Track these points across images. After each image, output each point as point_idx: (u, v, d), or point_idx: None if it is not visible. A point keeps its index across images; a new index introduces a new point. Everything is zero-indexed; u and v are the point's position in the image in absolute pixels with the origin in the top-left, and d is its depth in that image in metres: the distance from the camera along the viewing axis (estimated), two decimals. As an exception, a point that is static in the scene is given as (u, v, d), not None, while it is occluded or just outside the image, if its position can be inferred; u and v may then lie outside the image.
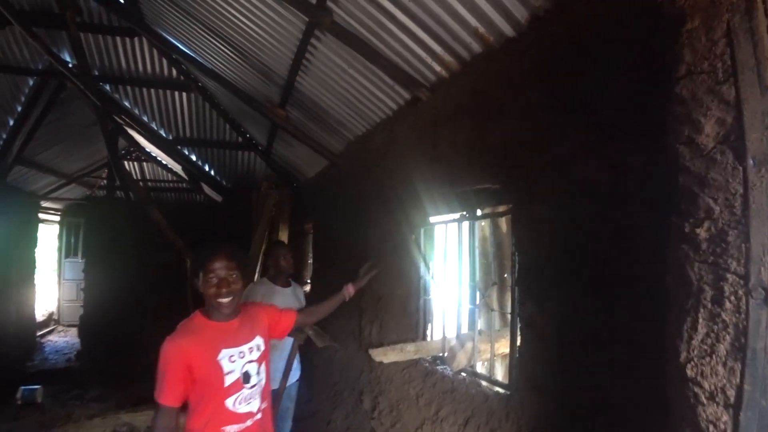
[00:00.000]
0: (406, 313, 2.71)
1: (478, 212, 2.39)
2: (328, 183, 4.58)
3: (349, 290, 2.21)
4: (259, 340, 1.74)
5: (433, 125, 2.58)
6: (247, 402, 1.66)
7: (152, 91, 5.57)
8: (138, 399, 5.15)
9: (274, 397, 2.88)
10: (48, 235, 9.86)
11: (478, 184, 2.22)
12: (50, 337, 8.45)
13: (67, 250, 9.34)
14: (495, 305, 2.59)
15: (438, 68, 2.51)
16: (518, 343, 1.92)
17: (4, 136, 6.08)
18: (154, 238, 6.20)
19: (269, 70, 3.81)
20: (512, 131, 1.95)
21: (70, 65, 5.05)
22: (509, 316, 2.70)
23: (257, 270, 5.07)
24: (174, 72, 5.30)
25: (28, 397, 5.54)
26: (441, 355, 2.56)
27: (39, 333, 8.24)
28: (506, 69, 2.03)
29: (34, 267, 7.60)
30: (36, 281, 7.73)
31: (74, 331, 8.04)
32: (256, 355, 1.71)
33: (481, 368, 2.45)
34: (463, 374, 2.37)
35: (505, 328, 2.55)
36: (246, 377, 1.66)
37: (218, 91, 5.12)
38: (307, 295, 5.36)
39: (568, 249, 1.63)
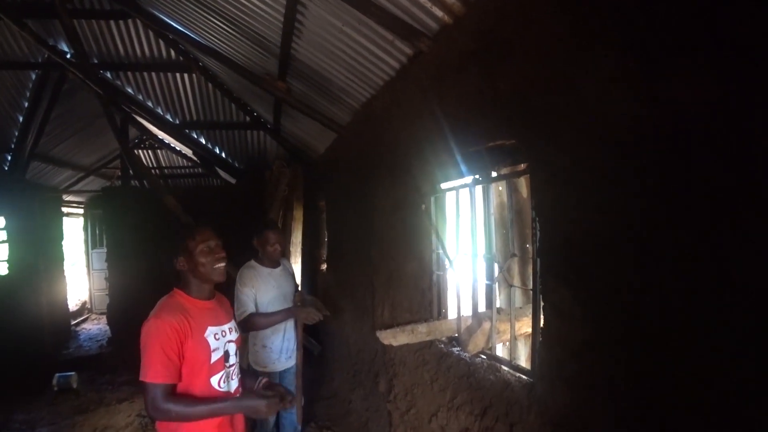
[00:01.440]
0: (418, 291, 2.48)
1: (493, 174, 2.10)
2: (337, 157, 4.34)
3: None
4: (233, 324, 1.81)
5: (438, 79, 2.28)
6: (226, 382, 1.71)
7: (153, 74, 5.42)
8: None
9: (285, 376, 2.79)
10: (74, 228, 10.11)
11: (491, 141, 1.92)
12: (84, 325, 8.75)
13: (93, 241, 9.57)
14: (515, 280, 2.31)
15: (440, 13, 2.19)
16: (542, 324, 1.66)
17: (16, 132, 6.10)
18: (173, 224, 6.20)
19: (263, 39, 3.55)
20: (525, 73, 1.64)
21: (68, 55, 4.92)
22: (531, 293, 2.44)
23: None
24: (173, 53, 5.12)
25: (63, 384, 5.72)
26: (456, 336, 2.33)
27: (74, 321, 8.55)
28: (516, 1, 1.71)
29: (63, 259, 7.79)
30: (66, 273, 7.93)
31: (105, 318, 8.28)
32: (234, 335, 1.78)
33: (501, 351, 2.21)
34: (481, 357, 2.14)
35: (528, 305, 2.29)
36: (227, 356, 1.71)
37: (219, 69, 4.91)
38: (324, 274, 5.25)
39: (601, 211, 1.33)
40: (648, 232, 1.18)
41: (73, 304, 8.89)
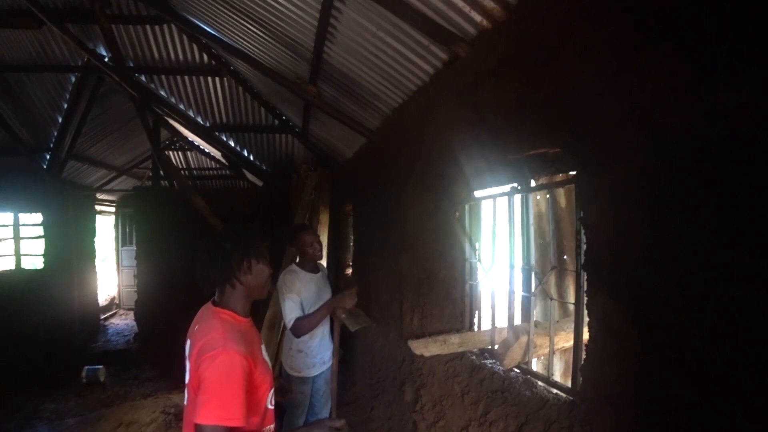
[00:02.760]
0: (450, 300, 2.42)
1: (532, 183, 2.03)
2: (365, 162, 4.33)
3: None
4: None
5: (474, 86, 2.23)
6: (273, 397, 1.55)
7: (186, 78, 5.53)
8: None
9: (317, 381, 2.77)
10: (106, 225, 10.42)
11: (530, 149, 1.86)
12: (113, 320, 8.99)
13: (123, 238, 9.84)
14: (553, 293, 2.23)
15: (478, 18, 2.15)
16: (585, 340, 1.58)
17: (55, 132, 6.33)
18: (200, 224, 6.31)
19: (295, 43, 3.57)
20: (571, 78, 1.58)
21: (106, 59, 5.08)
22: (570, 307, 2.35)
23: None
24: (205, 57, 5.21)
25: (91, 377, 5.87)
26: (489, 348, 2.26)
27: (103, 316, 8.79)
28: (560, 5, 1.65)
29: (94, 256, 8.03)
30: (97, 269, 8.17)
31: (133, 314, 8.49)
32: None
33: (535, 366, 2.13)
34: (516, 371, 2.07)
35: (565, 319, 2.20)
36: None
37: (249, 73, 4.98)
38: (349, 279, 5.24)
39: (657, 225, 1.26)
40: (709, 248, 1.11)
41: (102, 300, 9.14)
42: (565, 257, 2.33)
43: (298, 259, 2.74)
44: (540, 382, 1.99)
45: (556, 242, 2.19)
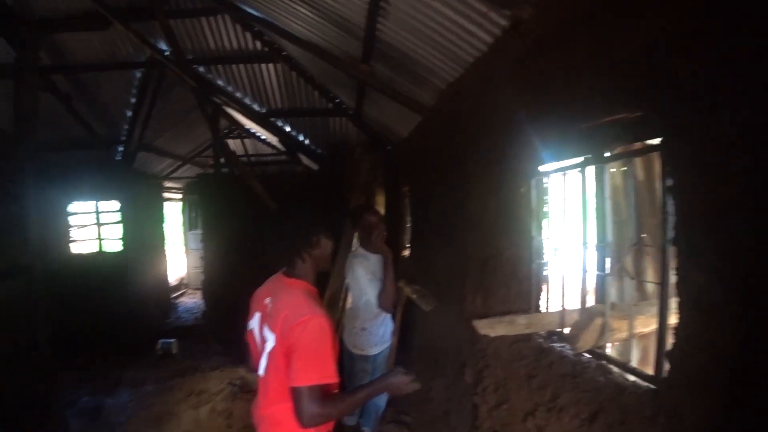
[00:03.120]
0: (516, 280, 2.31)
1: (606, 155, 1.86)
2: (421, 141, 4.23)
3: None
4: None
5: (539, 50, 2.07)
6: None
7: (241, 66, 5.67)
8: (253, 356, 5.62)
9: (376, 359, 2.81)
10: (173, 211, 11.14)
11: (605, 115, 1.70)
12: (182, 299, 9.66)
13: (189, 223, 10.48)
14: (631, 272, 2.06)
15: (545, -25, 1.97)
16: (671, 323, 1.43)
17: (126, 126, 6.79)
18: (259, 208, 6.55)
19: (346, 21, 3.51)
20: (658, 29, 1.40)
21: (166, 53, 5.32)
22: (648, 289, 2.17)
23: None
24: (258, 44, 5.30)
25: (165, 349, 6.37)
26: (558, 331, 2.14)
27: (173, 295, 9.47)
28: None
29: (164, 240, 8.63)
30: (167, 252, 8.78)
31: (200, 293, 9.08)
32: None
33: (610, 351, 1.99)
34: (587, 356, 1.94)
35: (643, 302, 2.03)
36: None
37: (302, 57, 5.00)
38: (406, 260, 5.21)
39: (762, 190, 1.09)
40: None
41: (172, 280, 9.84)
42: (643, 235, 2.13)
43: (362, 241, 2.74)
44: (615, 368, 1.85)
45: (634, 218, 2.01)
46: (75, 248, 7.50)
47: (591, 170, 1.94)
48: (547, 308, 2.25)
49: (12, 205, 2.00)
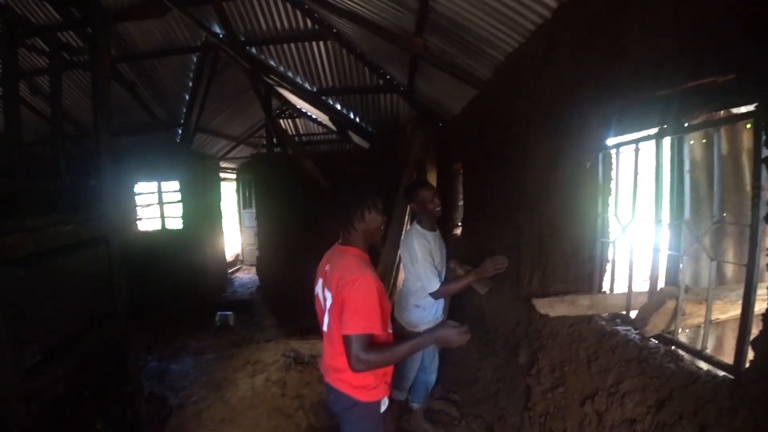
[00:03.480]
0: (578, 260, 2.20)
1: (686, 125, 1.70)
2: (475, 116, 4.10)
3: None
4: None
5: (612, 12, 1.90)
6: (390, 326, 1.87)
7: (292, 46, 5.72)
8: (305, 330, 5.84)
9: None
10: (228, 191, 11.66)
11: (690, 79, 1.54)
12: (238, 274, 10.16)
13: (244, 202, 10.93)
14: (710, 254, 1.90)
15: (622, -74, 1.80)
16: (758, 309, 1.30)
17: (184, 109, 7.11)
18: (311, 186, 6.70)
19: (400, -8, 3.42)
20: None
21: (220, 36, 5.47)
22: (727, 273, 2.00)
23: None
24: (309, 23, 5.31)
25: (223, 321, 6.75)
26: (623, 313, 2.03)
27: (230, 271, 9.98)
28: None
29: (221, 217, 9.06)
30: (224, 229, 9.23)
31: (254, 269, 9.51)
32: None
33: (682, 336, 1.86)
34: (655, 342, 1.82)
35: (722, 286, 1.87)
36: None
37: (353, 33, 4.96)
38: (457, 239, 5.15)
39: None
40: None
41: (229, 256, 10.36)
42: (725, 214, 1.95)
43: (418, 218, 2.70)
44: (687, 355, 1.73)
45: (719, 195, 1.83)
46: (141, 226, 8.07)
47: (667, 142, 1.78)
48: (611, 290, 2.12)
49: (91, 180, 2.16)
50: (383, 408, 1.79)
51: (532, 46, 2.67)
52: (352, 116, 7.14)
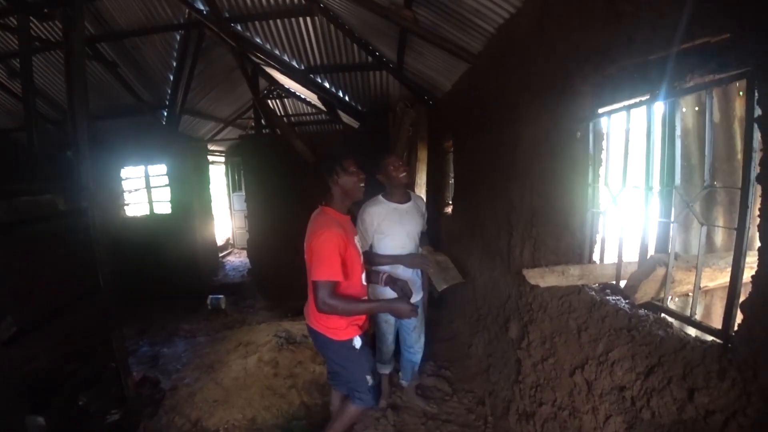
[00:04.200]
0: (568, 230, 2.19)
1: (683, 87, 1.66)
2: (466, 92, 4.04)
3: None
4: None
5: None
6: (367, 279, 2.23)
7: (279, 22, 5.55)
8: (296, 311, 5.84)
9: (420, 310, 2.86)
10: (217, 174, 11.50)
11: (686, 41, 1.50)
12: (229, 258, 10.10)
13: (233, 185, 10.81)
14: (701, 219, 1.89)
15: None
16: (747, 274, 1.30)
17: (169, 90, 6.92)
18: (301, 167, 6.61)
19: (388, -38, 3.31)
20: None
21: (204, 12, 5.29)
22: (716, 242, 2.00)
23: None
24: (295, -4, 5.15)
25: (215, 304, 6.73)
26: (613, 283, 2.03)
27: (221, 254, 9.92)
28: None
29: (210, 201, 8.94)
30: (213, 213, 9.13)
31: (245, 253, 9.46)
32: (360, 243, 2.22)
33: (671, 304, 1.86)
34: (645, 310, 1.82)
35: (710, 254, 1.87)
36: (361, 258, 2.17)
37: (341, 8, 4.82)
38: (448, 217, 5.13)
39: None
40: None
41: (219, 240, 10.29)
42: (716, 183, 1.94)
43: (386, 189, 2.65)
44: (676, 322, 1.74)
45: (710, 161, 1.82)
46: (129, 211, 7.94)
47: (659, 109, 1.75)
48: (601, 260, 2.12)
49: (68, 152, 2.08)
50: (357, 345, 2.08)
51: (524, 16, 2.60)
52: (341, 95, 7.02)
